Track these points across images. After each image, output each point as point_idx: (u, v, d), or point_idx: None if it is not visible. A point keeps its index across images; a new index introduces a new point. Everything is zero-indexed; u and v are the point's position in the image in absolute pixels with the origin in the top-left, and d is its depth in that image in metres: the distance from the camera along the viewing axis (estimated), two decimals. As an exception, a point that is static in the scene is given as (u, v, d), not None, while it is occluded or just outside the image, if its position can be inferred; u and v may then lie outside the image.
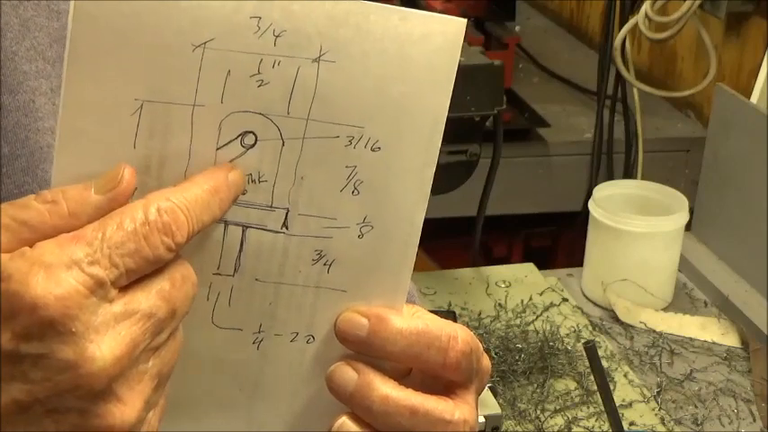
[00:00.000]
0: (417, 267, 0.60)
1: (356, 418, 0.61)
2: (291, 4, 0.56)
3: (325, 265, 0.61)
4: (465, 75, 1.46)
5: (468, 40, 1.85)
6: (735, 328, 1.56)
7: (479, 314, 1.58)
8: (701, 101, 2.05)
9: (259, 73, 0.57)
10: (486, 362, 0.65)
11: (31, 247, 0.52)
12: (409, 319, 0.62)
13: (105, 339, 0.51)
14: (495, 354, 1.47)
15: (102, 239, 0.52)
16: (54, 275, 0.51)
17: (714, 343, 1.55)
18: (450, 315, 1.33)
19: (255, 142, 0.58)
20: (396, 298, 0.63)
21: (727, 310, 1.62)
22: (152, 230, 0.53)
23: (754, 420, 1.39)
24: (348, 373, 0.61)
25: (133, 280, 0.53)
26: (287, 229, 0.60)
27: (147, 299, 0.53)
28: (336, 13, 0.56)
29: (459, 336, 0.62)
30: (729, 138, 1.69)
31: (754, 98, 1.69)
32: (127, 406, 0.52)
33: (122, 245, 0.52)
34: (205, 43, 0.55)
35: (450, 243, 1.98)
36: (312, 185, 0.59)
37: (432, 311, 0.65)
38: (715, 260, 1.72)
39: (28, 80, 0.67)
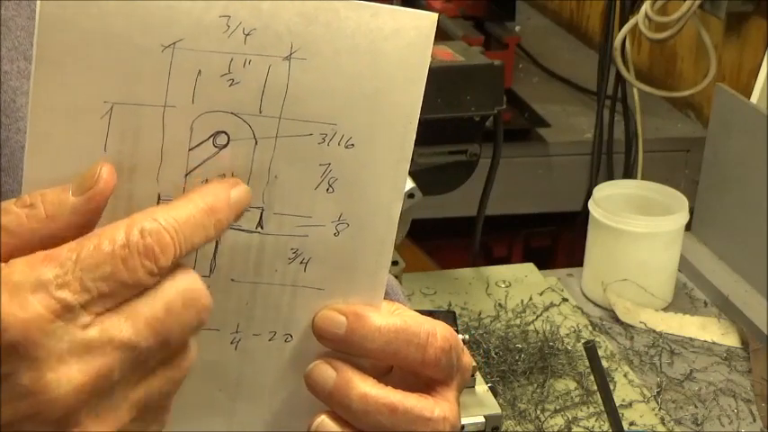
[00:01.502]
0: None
1: (335, 416, 0.61)
2: (260, 3, 0.55)
3: (301, 263, 0.61)
4: (465, 75, 1.46)
5: (468, 40, 1.85)
6: (735, 328, 1.56)
7: (479, 314, 1.58)
8: (700, 101, 2.05)
9: (230, 72, 0.56)
10: (467, 359, 0.65)
11: (12, 253, 0.51)
12: (387, 317, 0.61)
13: (68, 368, 0.49)
14: (495, 354, 1.47)
15: (75, 261, 0.50)
16: (20, 297, 0.49)
17: (714, 343, 1.55)
18: (450, 315, 1.33)
19: (228, 142, 0.57)
20: (373, 295, 0.62)
21: (727, 310, 1.62)
22: (132, 253, 0.50)
23: (754, 420, 1.39)
24: (327, 372, 0.61)
25: (120, 302, 0.51)
26: (262, 228, 0.60)
27: (131, 326, 0.50)
28: (306, 10, 0.56)
29: (438, 332, 0.62)
30: (729, 138, 1.69)
31: (754, 98, 1.69)
32: None
33: (97, 267, 0.50)
34: (174, 43, 0.55)
35: (450, 243, 1.98)
36: (286, 184, 0.59)
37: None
38: (715, 260, 1.72)
39: (9, 80, 0.67)
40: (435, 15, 0.58)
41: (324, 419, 0.61)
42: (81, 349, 0.49)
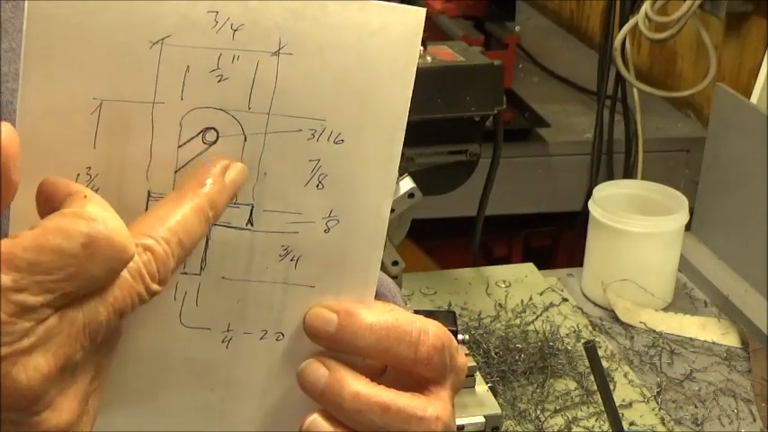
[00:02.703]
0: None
1: (328, 415, 0.60)
2: None
3: (291, 260, 0.60)
4: (465, 75, 1.46)
5: (468, 40, 1.85)
6: (735, 328, 1.56)
7: (479, 314, 1.58)
8: (700, 101, 2.05)
9: (218, 68, 0.56)
10: (462, 359, 0.64)
11: None
12: (379, 314, 0.61)
13: (35, 360, 0.49)
14: (495, 354, 1.47)
15: (33, 264, 0.49)
16: None
17: (714, 343, 1.55)
18: (450, 315, 1.33)
19: (217, 138, 0.57)
20: (365, 292, 0.62)
21: (727, 310, 1.62)
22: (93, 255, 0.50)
23: (754, 420, 1.39)
24: (319, 371, 0.60)
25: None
26: (252, 225, 0.59)
27: (92, 309, 0.51)
28: (294, 5, 0.56)
29: (430, 330, 0.61)
30: (729, 138, 1.69)
31: (754, 98, 1.69)
32: (62, 411, 0.51)
33: (59, 269, 0.49)
34: (163, 39, 0.55)
35: (450, 243, 1.98)
36: (276, 181, 0.59)
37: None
38: (715, 260, 1.72)
39: (6, 82, 0.67)
40: (423, 11, 0.58)
41: (316, 418, 0.60)
42: (43, 340, 0.50)
